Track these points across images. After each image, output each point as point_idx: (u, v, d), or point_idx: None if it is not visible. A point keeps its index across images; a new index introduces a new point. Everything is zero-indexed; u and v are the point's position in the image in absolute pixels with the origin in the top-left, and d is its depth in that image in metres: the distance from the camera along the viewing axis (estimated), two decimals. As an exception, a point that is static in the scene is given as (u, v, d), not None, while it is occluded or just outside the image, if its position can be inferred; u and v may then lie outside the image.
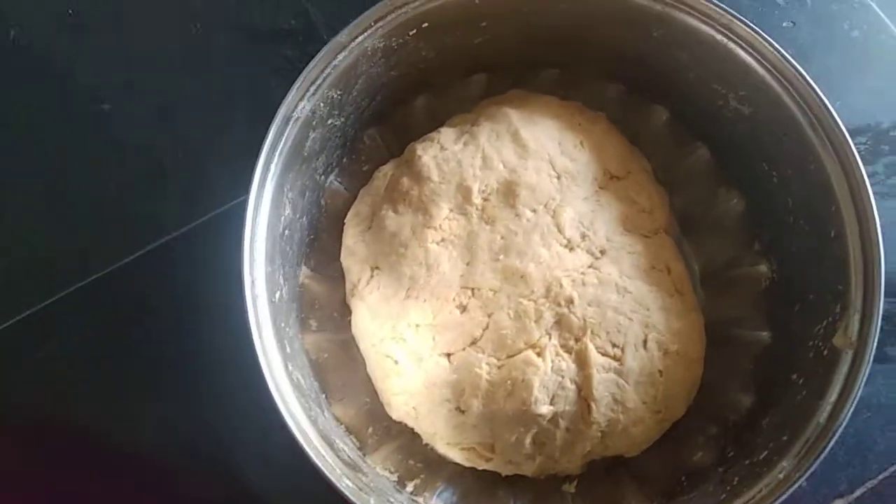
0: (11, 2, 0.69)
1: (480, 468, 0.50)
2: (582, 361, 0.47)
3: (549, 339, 0.47)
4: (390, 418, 0.52)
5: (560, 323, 0.47)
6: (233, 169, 0.63)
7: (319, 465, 0.42)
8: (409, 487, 0.50)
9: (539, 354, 0.47)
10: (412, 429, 0.52)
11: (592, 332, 0.47)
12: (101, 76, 0.67)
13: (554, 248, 0.49)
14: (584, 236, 0.50)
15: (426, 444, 0.52)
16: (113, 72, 0.67)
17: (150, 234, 0.62)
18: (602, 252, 0.50)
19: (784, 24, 0.68)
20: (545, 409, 0.46)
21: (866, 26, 0.68)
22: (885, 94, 0.66)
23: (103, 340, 0.59)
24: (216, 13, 0.69)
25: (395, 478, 0.50)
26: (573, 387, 0.47)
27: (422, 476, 0.51)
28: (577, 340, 0.47)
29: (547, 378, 0.46)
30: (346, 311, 0.55)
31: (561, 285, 0.48)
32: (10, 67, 0.67)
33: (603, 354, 0.47)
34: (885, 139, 0.64)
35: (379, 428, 0.53)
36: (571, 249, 0.50)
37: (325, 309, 0.56)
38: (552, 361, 0.47)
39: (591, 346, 0.47)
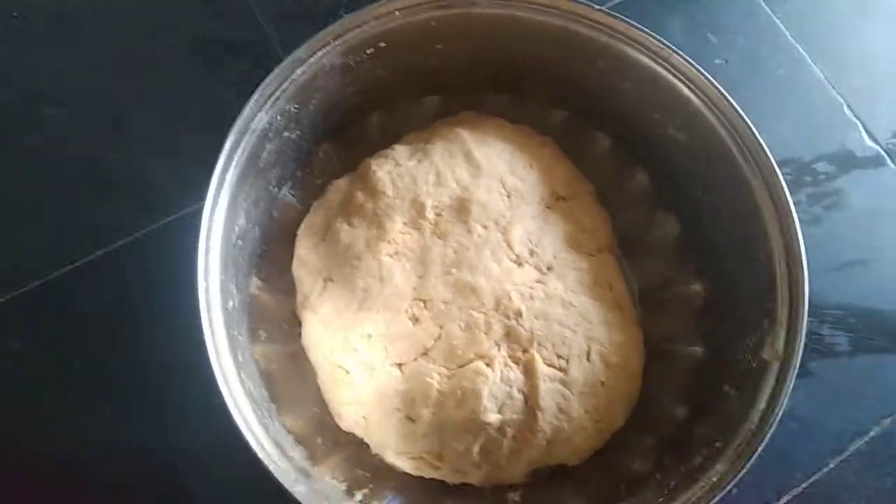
0: (-46, 2, 0.68)
1: (428, 477, 0.51)
2: (529, 372, 0.48)
3: (498, 349, 0.49)
4: (338, 429, 0.53)
5: (509, 335, 0.49)
6: (184, 178, 0.63)
7: (274, 471, 0.42)
8: (358, 496, 0.50)
9: (488, 365, 0.48)
10: (360, 439, 0.52)
11: (539, 344, 0.49)
12: (50, 82, 0.66)
13: (504, 262, 0.51)
14: (532, 252, 0.52)
15: (375, 454, 0.52)
16: (62, 78, 0.67)
17: (98, 241, 0.61)
18: (549, 268, 0.52)
19: (716, 61, 0.73)
20: (493, 417, 0.48)
21: (791, 65, 0.74)
22: (807, 129, 0.71)
23: (45, 347, 0.58)
24: (171, 25, 0.70)
25: (343, 486, 0.51)
26: (520, 396, 0.49)
27: (370, 486, 0.51)
28: (524, 351, 0.49)
29: (496, 388, 0.48)
30: (295, 322, 0.56)
31: (510, 298, 0.50)
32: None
33: (549, 365, 0.49)
34: (808, 171, 0.69)
35: (328, 438, 0.53)
36: (520, 265, 0.52)
37: (274, 320, 0.56)
38: (501, 371, 0.48)
39: (537, 357, 0.49)
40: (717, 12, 0.76)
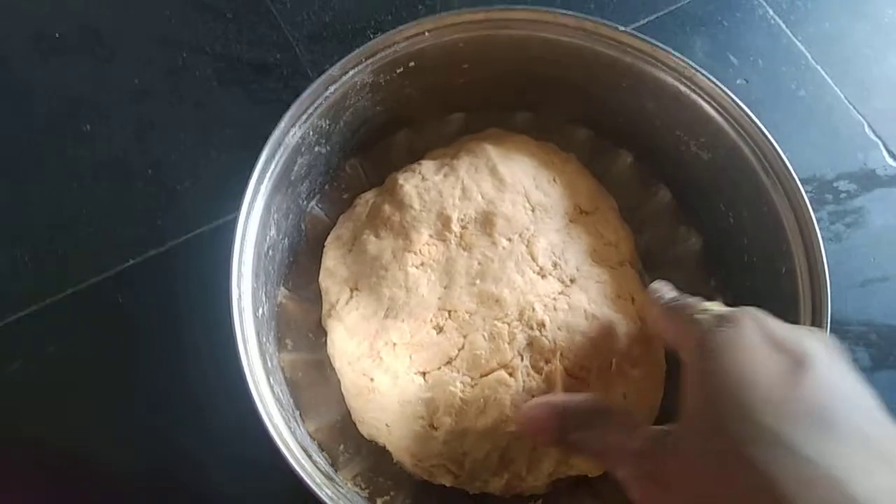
0: (-3, 20, 0.71)
1: (449, 485, 0.51)
2: (552, 382, 0.49)
3: (521, 360, 0.49)
4: (360, 436, 0.54)
5: (532, 345, 0.50)
6: (213, 192, 0.65)
7: (303, 475, 0.43)
8: (379, 503, 0.52)
9: (511, 374, 0.49)
10: (382, 447, 0.53)
11: (562, 355, 0.49)
12: (84, 98, 0.69)
13: (527, 274, 0.52)
14: (555, 265, 0.53)
15: (395, 463, 0.53)
16: (96, 94, 0.69)
17: (130, 252, 0.62)
18: (572, 280, 0.53)
19: (738, 82, 0.74)
20: (516, 427, 0.48)
21: (812, 87, 0.75)
22: (829, 149, 0.72)
23: (76, 355, 0.59)
24: (203, 44, 0.72)
25: (365, 494, 0.52)
26: None
27: (391, 493, 0.53)
28: (547, 362, 0.49)
29: (518, 397, 0.48)
30: (320, 332, 0.57)
31: (533, 309, 0.50)
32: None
33: (571, 376, 0.49)
34: (829, 189, 0.70)
35: (350, 446, 0.54)
36: (544, 277, 0.52)
37: (300, 329, 0.57)
38: (523, 381, 0.49)
39: (560, 368, 0.49)
40: (738, 35, 0.77)
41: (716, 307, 0.39)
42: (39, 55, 0.70)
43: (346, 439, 0.54)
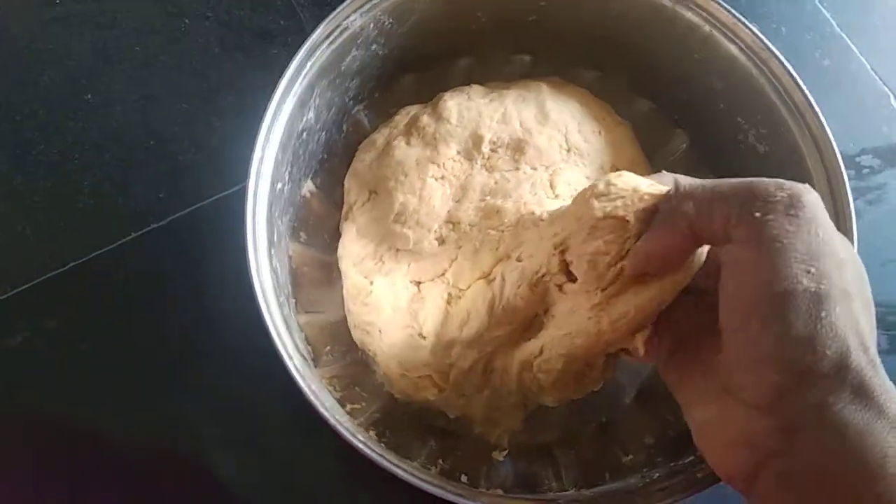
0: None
1: (433, 399, 0.50)
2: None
3: (508, 259, 0.47)
4: (348, 345, 0.53)
5: (520, 245, 0.47)
6: (214, 163, 0.63)
7: (282, 353, 0.43)
8: (347, 408, 0.50)
9: (491, 282, 0.47)
10: (366, 363, 0.53)
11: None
12: (86, 67, 0.67)
13: (539, 195, 0.50)
14: (573, 195, 0.51)
15: (377, 380, 0.53)
16: (98, 63, 0.67)
17: (129, 226, 0.61)
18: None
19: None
20: (498, 332, 0.46)
21: (837, 56, 0.72)
22: (853, 122, 0.69)
23: (78, 328, 0.58)
24: (205, 10, 0.70)
25: (338, 396, 0.51)
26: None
27: (362, 403, 0.52)
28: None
29: (498, 304, 0.46)
30: (336, 236, 0.57)
31: (533, 213, 0.48)
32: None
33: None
34: (852, 164, 0.67)
35: (335, 350, 0.54)
36: (556, 199, 0.51)
37: (318, 228, 0.57)
38: (501, 285, 0.46)
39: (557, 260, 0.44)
40: (761, 1, 0.74)
41: None
42: (40, 23, 0.68)
43: (333, 342, 0.53)
